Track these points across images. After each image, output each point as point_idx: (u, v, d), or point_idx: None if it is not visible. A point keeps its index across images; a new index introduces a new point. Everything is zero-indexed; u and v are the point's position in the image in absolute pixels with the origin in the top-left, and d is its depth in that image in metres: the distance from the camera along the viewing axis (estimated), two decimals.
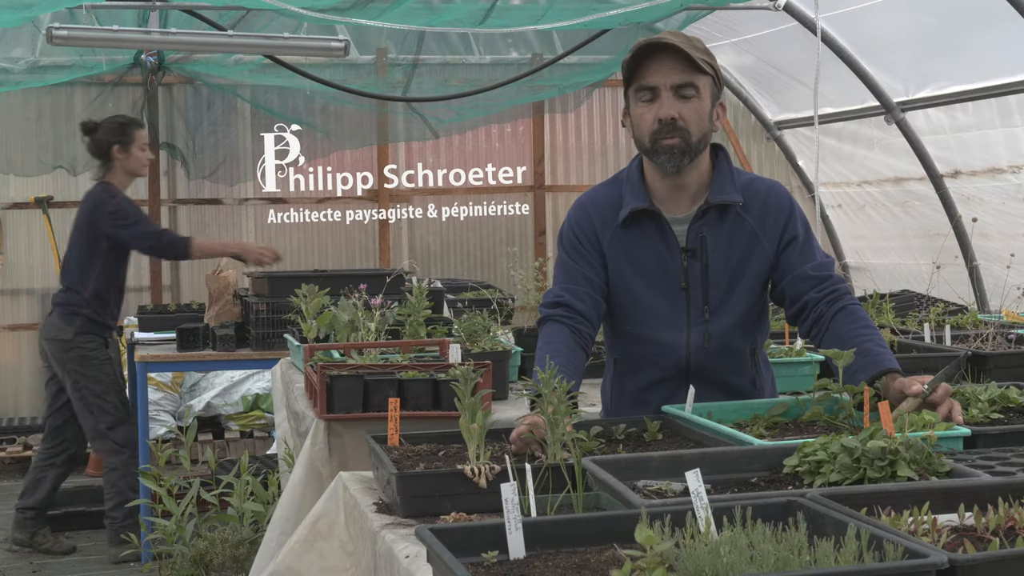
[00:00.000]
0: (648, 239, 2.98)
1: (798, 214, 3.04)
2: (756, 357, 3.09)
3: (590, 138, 9.48)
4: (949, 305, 5.90)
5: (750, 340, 3.06)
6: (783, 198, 3.03)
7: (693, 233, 2.96)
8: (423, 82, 8.32)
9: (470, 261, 9.37)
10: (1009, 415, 2.82)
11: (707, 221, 2.96)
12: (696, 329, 2.98)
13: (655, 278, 2.98)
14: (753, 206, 2.99)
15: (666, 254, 2.97)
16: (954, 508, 1.85)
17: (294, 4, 5.30)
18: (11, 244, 8.73)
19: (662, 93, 2.86)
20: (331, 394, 3.66)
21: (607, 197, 3.05)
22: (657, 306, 2.98)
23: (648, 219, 2.98)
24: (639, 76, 2.89)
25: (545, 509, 2.16)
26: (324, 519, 2.63)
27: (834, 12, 7.08)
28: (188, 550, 4.95)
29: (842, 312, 2.89)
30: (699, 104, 2.88)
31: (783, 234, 2.98)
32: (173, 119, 8.82)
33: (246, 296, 6.07)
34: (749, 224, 2.97)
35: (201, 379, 8.49)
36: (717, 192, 2.96)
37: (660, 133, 2.88)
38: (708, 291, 2.97)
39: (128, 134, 6.08)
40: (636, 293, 2.99)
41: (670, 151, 2.88)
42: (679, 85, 2.86)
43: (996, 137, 6.80)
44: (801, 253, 2.98)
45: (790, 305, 2.99)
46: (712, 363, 3.00)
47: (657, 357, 3.01)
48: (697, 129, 2.89)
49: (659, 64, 2.87)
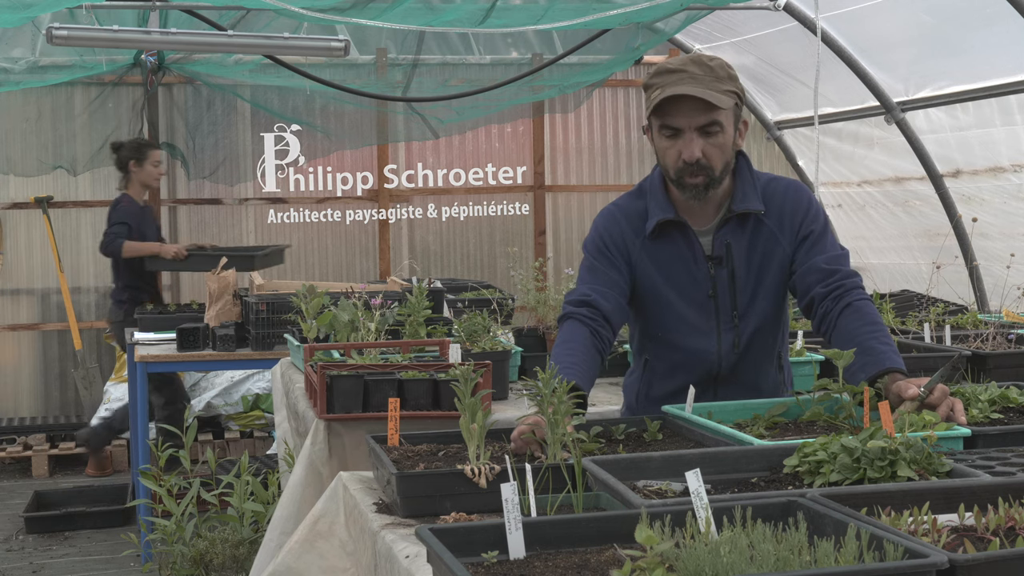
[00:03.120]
0: (675, 249, 3.01)
1: (815, 209, 3.06)
2: (781, 359, 3.14)
3: (590, 138, 9.47)
4: (949, 305, 5.90)
5: (777, 341, 3.11)
6: (801, 195, 3.06)
7: (718, 241, 3.00)
8: (423, 82, 8.31)
9: (470, 261, 9.37)
10: (1009, 415, 2.82)
11: (730, 228, 3.00)
12: (727, 336, 3.01)
13: (684, 287, 3.01)
14: (772, 207, 3.02)
15: (693, 263, 3.00)
16: (954, 508, 1.85)
17: (294, 4, 5.30)
18: (11, 244, 8.73)
19: (686, 133, 2.88)
20: (331, 394, 3.66)
21: (634, 208, 3.07)
22: (688, 314, 3.02)
23: (675, 229, 3.01)
24: (662, 115, 2.90)
25: (545, 509, 2.16)
26: (324, 519, 2.63)
27: (834, 12, 7.07)
28: (188, 550, 4.95)
29: (848, 309, 2.89)
30: (723, 138, 2.90)
31: (799, 230, 3.01)
32: (173, 119, 8.82)
33: (246, 296, 6.08)
34: (768, 226, 3.01)
35: (201, 379, 8.49)
36: (740, 201, 2.99)
37: (684, 171, 2.91)
38: (736, 297, 3.00)
39: (143, 153, 7.50)
40: (668, 301, 3.02)
41: (695, 188, 2.93)
42: (703, 125, 2.87)
43: (997, 136, 6.79)
44: (813, 247, 2.99)
45: (800, 298, 3.02)
46: (741, 367, 3.04)
47: (689, 363, 3.04)
48: (721, 162, 2.92)
49: (683, 103, 2.87)
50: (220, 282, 6.19)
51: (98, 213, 8.79)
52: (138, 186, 7.53)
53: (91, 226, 8.79)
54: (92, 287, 8.84)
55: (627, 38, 7.63)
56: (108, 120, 8.59)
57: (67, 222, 8.77)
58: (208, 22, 6.57)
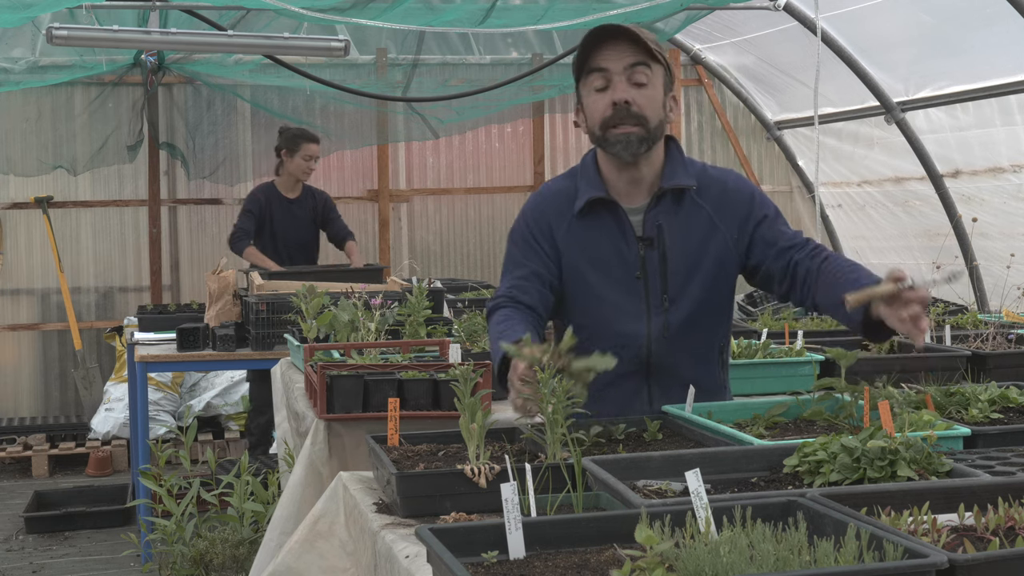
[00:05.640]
0: (604, 229, 2.93)
1: (760, 195, 3.00)
2: (723, 356, 3.04)
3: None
4: (949, 305, 5.90)
5: (714, 335, 3.00)
6: (742, 183, 3.01)
7: (649, 221, 2.92)
8: (423, 82, 8.32)
9: (470, 261, 9.37)
10: (1009, 415, 2.82)
11: (662, 208, 2.92)
12: (656, 319, 2.92)
13: (612, 269, 2.92)
14: (709, 192, 2.94)
15: (623, 244, 2.92)
16: (954, 508, 1.85)
17: (294, 4, 5.31)
18: (11, 244, 8.73)
19: (614, 78, 2.84)
20: (331, 394, 3.66)
21: (562, 189, 3.00)
22: (614, 297, 2.92)
23: (604, 209, 2.93)
24: (591, 60, 2.86)
25: (545, 509, 2.16)
26: (324, 519, 2.63)
27: (834, 12, 7.08)
28: (188, 550, 4.96)
29: (827, 261, 2.82)
30: (652, 92, 2.85)
31: (749, 216, 2.94)
32: (173, 119, 8.82)
33: (246, 296, 6.08)
34: (706, 210, 2.93)
35: (201, 379, 8.49)
36: (670, 177, 2.92)
37: (614, 119, 2.84)
38: (667, 280, 2.91)
39: (296, 144, 7.25)
40: (592, 285, 2.94)
41: (626, 139, 2.84)
42: (632, 64, 2.82)
43: (997, 136, 6.80)
44: (777, 228, 2.93)
45: (781, 279, 2.91)
46: (674, 358, 2.94)
47: (616, 350, 2.84)
48: (653, 115, 2.85)
49: (611, 50, 2.84)
50: (220, 282, 6.19)
51: (98, 213, 8.81)
52: (286, 176, 7.36)
53: (91, 226, 8.80)
54: (92, 287, 8.84)
55: None
56: (108, 120, 8.59)
57: (67, 222, 8.77)
58: (208, 22, 6.57)
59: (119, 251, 8.87)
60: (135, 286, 8.87)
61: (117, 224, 8.85)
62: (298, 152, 7.25)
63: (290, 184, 7.38)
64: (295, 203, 7.43)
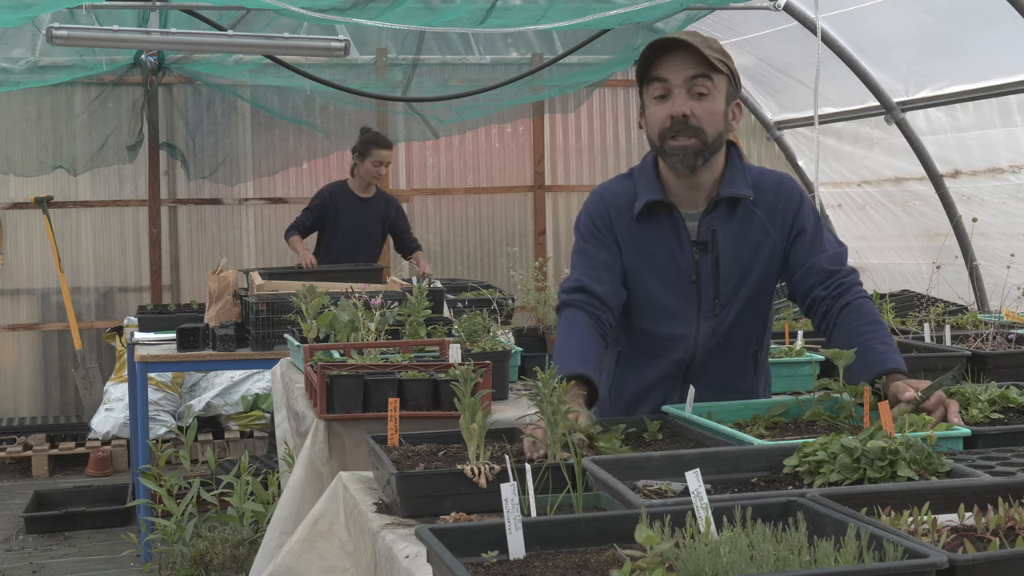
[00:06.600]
0: (661, 232, 2.96)
1: (807, 206, 3.02)
2: (758, 360, 3.08)
3: (590, 138, 9.47)
4: (949, 305, 5.90)
5: (755, 340, 3.05)
6: (793, 190, 3.02)
7: (704, 226, 2.95)
8: (423, 82, 8.32)
9: (470, 261, 9.37)
10: (1009, 415, 2.82)
11: (718, 215, 2.95)
12: (705, 324, 2.97)
13: (666, 272, 2.96)
14: (763, 199, 2.97)
15: (677, 248, 2.95)
16: (954, 508, 1.85)
17: (294, 4, 5.30)
18: (11, 244, 8.73)
19: (674, 90, 2.85)
20: (331, 394, 3.66)
21: (622, 189, 3.03)
22: (667, 300, 2.97)
23: (662, 212, 2.96)
24: (652, 69, 2.88)
25: (545, 509, 2.16)
26: (324, 519, 2.63)
27: (834, 12, 7.07)
28: (188, 550, 4.95)
29: (847, 308, 2.87)
30: (713, 103, 2.86)
31: (792, 226, 2.97)
32: (173, 119, 8.82)
33: (246, 296, 6.08)
34: (759, 217, 2.97)
35: (201, 379, 8.49)
36: (728, 185, 2.94)
37: (671, 131, 2.86)
38: (719, 285, 2.95)
39: (367, 149, 7.41)
40: (647, 287, 2.98)
41: (683, 152, 2.86)
42: (693, 76, 2.83)
43: (996, 137, 6.79)
44: (810, 246, 2.97)
45: (801, 300, 2.99)
46: (715, 361, 2.99)
47: (663, 351, 2.99)
48: (712, 128, 2.87)
49: (672, 60, 2.85)
50: (220, 282, 6.19)
51: (98, 213, 8.81)
52: (358, 177, 7.51)
53: (91, 226, 8.80)
54: (92, 287, 8.84)
55: (627, 38, 7.63)
56: (108, 120, 8.59)
57: (67, 222, 8.77)
58: (208, 22, 6.57)
59: (119, 251, 8.87)
60: (135, 286, 8.87)
61: (117, 224, 8.86)
62: (369, 157, 7.41)
63: (363, 185, 7.54)
64: (367, 202, 7.57)
